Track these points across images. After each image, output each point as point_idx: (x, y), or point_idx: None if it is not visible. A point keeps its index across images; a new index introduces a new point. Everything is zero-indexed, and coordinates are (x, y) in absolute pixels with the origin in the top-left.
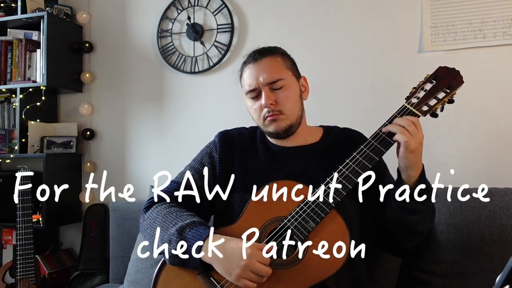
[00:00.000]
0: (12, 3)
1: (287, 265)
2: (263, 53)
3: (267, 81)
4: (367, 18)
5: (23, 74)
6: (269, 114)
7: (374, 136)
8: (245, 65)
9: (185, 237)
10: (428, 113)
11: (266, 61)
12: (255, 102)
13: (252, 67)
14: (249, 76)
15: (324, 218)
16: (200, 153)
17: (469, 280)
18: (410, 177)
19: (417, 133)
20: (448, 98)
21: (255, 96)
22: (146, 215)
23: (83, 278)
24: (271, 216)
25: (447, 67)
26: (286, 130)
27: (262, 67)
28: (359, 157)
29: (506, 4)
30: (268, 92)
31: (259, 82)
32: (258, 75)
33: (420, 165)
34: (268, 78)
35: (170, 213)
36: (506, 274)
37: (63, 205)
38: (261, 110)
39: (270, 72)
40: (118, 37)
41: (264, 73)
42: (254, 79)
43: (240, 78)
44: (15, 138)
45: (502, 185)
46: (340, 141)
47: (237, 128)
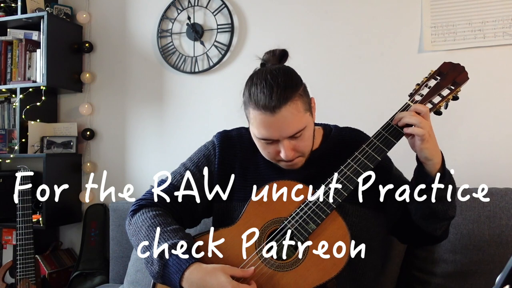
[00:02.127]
0: (12, 3)
1: (287, 267)
2: (282, 101)
3: (288, 135)
4: (367, 18)
5: (23, 74)
6: (287, 163)
7: (376, 135)
8: (256, 107)
9: (166, 262)
10: (432, 111)
11: (287, 111)
12: (269, 147)
13: (269, 119)
14: (265, 128)
15: (325, 220)
16: (197, 154)
17: (469, 280)
18: (435, 165)
19: (425, 122)
20: (452, 95)
21: (270, 143)
22: (133, 220)
23: (83, 278)
24: (271, 217)
25: (452, 62)
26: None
27: (283, 121)
28: (361, 157)
29: (506, 4)
30: (287, 144)
31: (279, 136)
32: (278, 130)
33: (439, 152)
34: (291, 132)
35: (154, 226)
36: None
37: (63, 205)
38: (276, 155)
39: (292, 125)
40: (118, 37)
41: (286, 128)
42: (273, 133)
43: (245, 109)
44: (15, 138)
45: (502, 185)
46: (339, 143)
47: (237, 129)
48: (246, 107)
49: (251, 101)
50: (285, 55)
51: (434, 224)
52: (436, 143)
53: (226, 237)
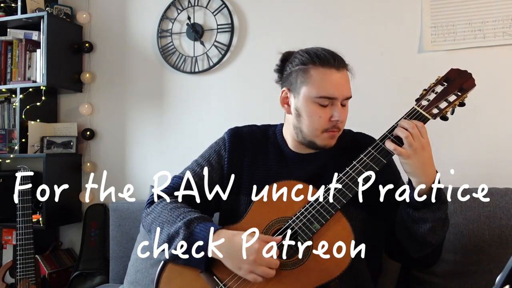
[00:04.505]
0: (12, 3)
1: (290, 266)
2: (343, 63)
3: (346, 96)
4: (367, 18)
5: (23, 74)
6: (333, 130)
7: (381, 139)
8: (323, 65)
9: (193, 230)
10: (438, 116)
11: (346, 74)
12: (323, 110)
13: (336, 75)
14: (332, 83)
15: (329, 220)
16: (208, 150)
17: (469, 280)
18: (419, 184)
19: (419, 138)
20: (459, 101)
21: (326, 104)
22: (150, 209)
23: (83, 278)
24: (276, 217)
25: (459, 69)
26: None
27: (345, 80)
28: (366, 159)
29: (506, 4)
30: (341, 107)
31: (340, 94)
32: (342, 88)
33: (427, 172)
34: (348, 93)
35: (176, 208)
36: (506, 274)
37: (63, 205)
38: (327, 121)
39: (348, 87)
40: (118, 37)
41: (347, 88)
42: (338, 90)
43: (300, 74)
44: (15, 138)
45: (502, 185)
46: (351, 147)
47: (249, 126)
48: (305, 70)
49: (313, 60)
50: None
51: (412, 244)
52: (426, 162)
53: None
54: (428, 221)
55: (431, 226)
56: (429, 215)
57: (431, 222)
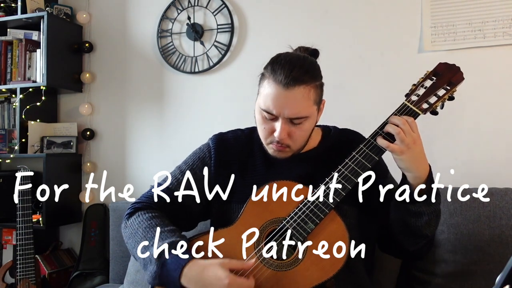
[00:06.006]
0: (12, 3)
1: (286, 266)
2: (298, 81)
3: (289, 117)
4: (367, 18)
5: (23, 74)
6: (277, 145)
7: (373, 135)
8: (273, 78)
9: (165, 261)
10: (428, 111)
11: (298, 92)
12: (267, 122)
13: (279, 92)
14: (272, 99)
15: (323, 219)
16: (192, 157)
17: (469, 280)
18: (415, 179)
19: (410, 133)
20: (448, 95)
21: (270, 118)
22: (129, 222)
23: (83, 278)
24: (270, 217)
25: (447, 63)
26: (287, 158)
27: (291, 100)
28: (359, 157)
29: (506, 4)
30: (284, 125)
31: (280, 113)
32: (283, 106)
33: (421, 167)
34: (293, 114)
35: (151, 227)
36: (506, 274)
37: (63, 205)
38: (270, 134)
39: (297, 107)
40: (118, 37)
41: (290, 107)
42: (277, 107)
43: (260, 81)
44: (15, 138)
45: (502, 185)
46: (338, 144)
47: (233, 131)
48: (263, 78)
49: (270, 73)
50: (316, 53)
51: (408, 238)
52: (419, 157)
53: (225, 237)
54: (424, 214)
55: (427, 219)
56: (425, 209)
57: (427, 215)
